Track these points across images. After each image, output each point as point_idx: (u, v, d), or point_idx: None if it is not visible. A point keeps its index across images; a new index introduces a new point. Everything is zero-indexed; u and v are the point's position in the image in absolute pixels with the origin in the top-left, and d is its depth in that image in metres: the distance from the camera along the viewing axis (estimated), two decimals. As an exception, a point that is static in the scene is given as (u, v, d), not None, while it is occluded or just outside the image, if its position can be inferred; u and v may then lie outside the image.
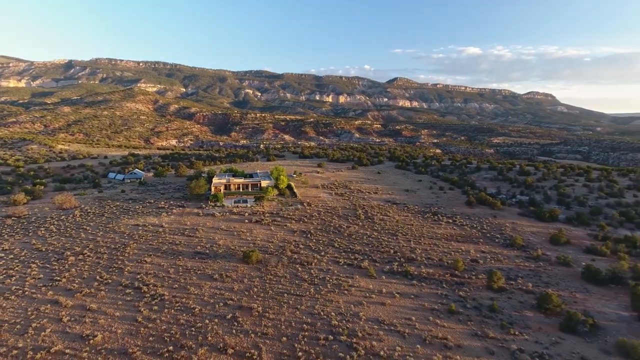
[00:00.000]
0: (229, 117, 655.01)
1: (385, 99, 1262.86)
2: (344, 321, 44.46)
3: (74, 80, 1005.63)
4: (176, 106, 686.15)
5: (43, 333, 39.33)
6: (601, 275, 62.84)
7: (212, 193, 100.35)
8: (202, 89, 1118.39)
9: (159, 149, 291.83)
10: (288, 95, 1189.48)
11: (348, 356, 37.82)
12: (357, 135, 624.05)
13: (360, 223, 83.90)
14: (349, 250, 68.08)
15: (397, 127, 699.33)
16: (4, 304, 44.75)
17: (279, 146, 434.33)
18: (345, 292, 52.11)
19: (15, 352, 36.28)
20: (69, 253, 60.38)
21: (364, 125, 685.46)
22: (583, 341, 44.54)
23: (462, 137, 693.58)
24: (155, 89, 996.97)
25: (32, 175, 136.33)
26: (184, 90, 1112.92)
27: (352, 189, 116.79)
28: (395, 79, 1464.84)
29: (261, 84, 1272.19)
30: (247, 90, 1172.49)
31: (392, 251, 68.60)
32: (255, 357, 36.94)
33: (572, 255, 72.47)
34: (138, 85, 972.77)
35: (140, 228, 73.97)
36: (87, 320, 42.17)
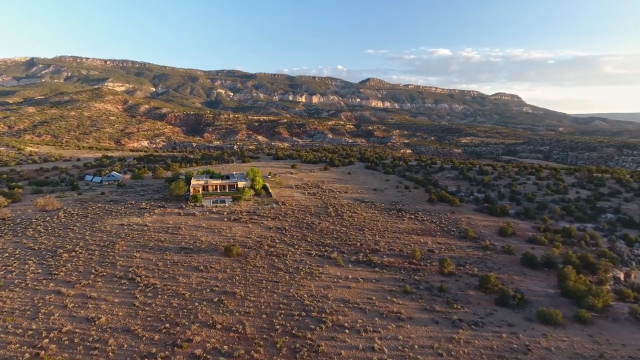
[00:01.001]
0: (201, 118, 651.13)
1: (358, 100, 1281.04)
2: (314, 301, 52.16)
3: (37, 78, 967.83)
4: (147, 106, 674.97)
5: (52, 317, 44.98)
6: (536, 261, 73.36)
7: (192, 194, 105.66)
8: (172, 89, 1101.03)
9: (131, 150, 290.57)
10: (261, 95, 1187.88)
11: (318, 328, 45.57)
12: (330, 135, 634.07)
13: (331, 220, 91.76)
14: (320, 243, 75.78)
15: (369, 127, 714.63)
16: (11, 295, 49.79)
17: (253, 147, 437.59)
18: (316, 278, 59.82)
19: (30, 332, 41.87)
20: (61, 250, 65.21)
21: (337, 126, 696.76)
22: (512, 312, 54.02)
23: (432, 138, 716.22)
24: (123, 88, 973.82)
25: (5, 178, 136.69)
26: (154, 89, 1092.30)
27: (324, 189, 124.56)
28: (368, 79, 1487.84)
29: (233, 83, 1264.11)
30: (219, 90, 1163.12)
31: (358, 244, 76.84)
32: (240, 330, 44.06)
33: (516, 245, 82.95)
34: (105, 84, 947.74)
35: (125, 227, 79.03)
36: (89, 306, 47.98)
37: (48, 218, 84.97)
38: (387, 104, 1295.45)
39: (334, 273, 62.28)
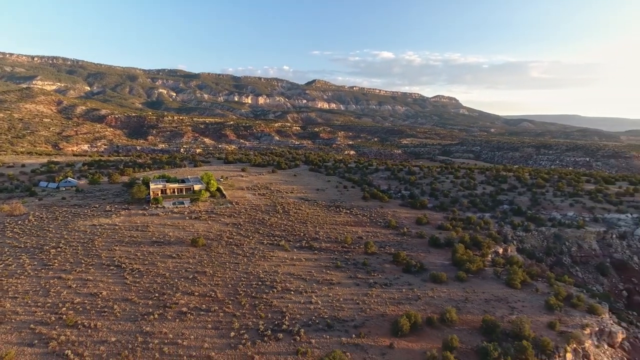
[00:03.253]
0: (144, 120, 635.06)
1: (304, 101, 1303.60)
2: (268, 275, 68.57)
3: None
4: (83, 107, 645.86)
5: (62, 294, 57.28)
6: (439, 242, 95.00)
7: (152, 197, 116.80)
8: (109, 88, 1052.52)
9: (74, 155, 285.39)
10: (205, 95, 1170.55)
11: (271, 291, 62.10)
12: (277, 137, 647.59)
13: (279, 216, 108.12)
14: (270, 235, 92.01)
15: (315, 129, 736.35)
16: (19, 281, 60.82)
17: (200, 150, 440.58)
18: (268, 260, 76.18)
19: (48, 304, 54.16)
20: (47, 247, 75.54)
21: (284, 128, 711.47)
22: (413, 276, 73.94)
23: (376, 139, 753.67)
24: (54, 87, 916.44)
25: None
26: (89, 89, 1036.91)
27: (272, 190, 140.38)
28: (314, 80, 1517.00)
29: (176, 83, 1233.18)
30: (160, 90, 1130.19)
31: (302, 234, 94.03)
32: (213, 295, 59.43)
33: (427, 231, 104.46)
34: (34, 82, 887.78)
35: (97, 227, 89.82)
36: (89, 285, 60.60)
37: (20, 222, 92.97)
38: (333, 105, 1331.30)
39: (282, 256, 78.94)
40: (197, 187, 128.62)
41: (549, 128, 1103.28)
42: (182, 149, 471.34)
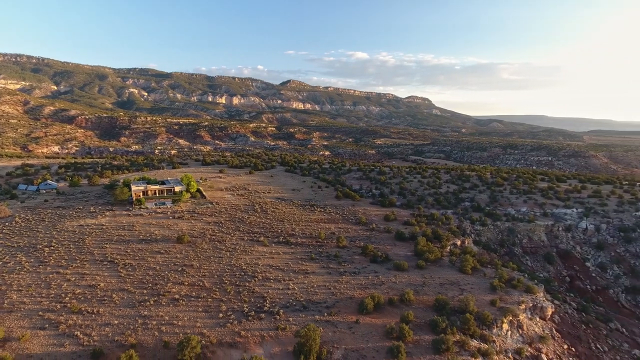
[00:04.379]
0: (116, 121, 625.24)
1: (280, 101, 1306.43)
2: (249, 267, 76.42)
3: None
4: (52, 108, 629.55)
5: (63, 286, 63.26)
6: (405, 236, 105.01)
7: (135, 198, 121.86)
8: (78, 87, 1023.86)
9: (47, 157, 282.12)
10: (178, 95, 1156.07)
11: (253, 280, 70.07)
12: (252, 138, 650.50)
13: (257, 214, 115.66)
14: (250, 232, 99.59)
15: (290, 129, 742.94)
16: (20, 276, 66.19)
17: (175, 151, 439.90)
18: (249, 254, 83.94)
19: (52, 295, 60.16)
20: (40, 246, 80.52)
21: (259, 129, 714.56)
22: (379, 265, 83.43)
23: (350, 139, 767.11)
24: (18, 86, 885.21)
25: None
26: (56, 88, 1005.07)
27: (250, 190, 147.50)
28: (289, 81, 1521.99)
29: (147, 83, 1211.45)
30: (131, 90, 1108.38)
31: (279, 231, 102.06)
32: (201, 284, 66.84)
33: (394, 226, 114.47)
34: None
35: (85, 227, 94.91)
36: (87, 278, 66.70)
37: (7, 223, 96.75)
38: (308, 106, 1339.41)
39: (262, 250, 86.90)
40: (177, 188, 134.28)
41: (517, 128, 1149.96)
42: (156, 151, 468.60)
